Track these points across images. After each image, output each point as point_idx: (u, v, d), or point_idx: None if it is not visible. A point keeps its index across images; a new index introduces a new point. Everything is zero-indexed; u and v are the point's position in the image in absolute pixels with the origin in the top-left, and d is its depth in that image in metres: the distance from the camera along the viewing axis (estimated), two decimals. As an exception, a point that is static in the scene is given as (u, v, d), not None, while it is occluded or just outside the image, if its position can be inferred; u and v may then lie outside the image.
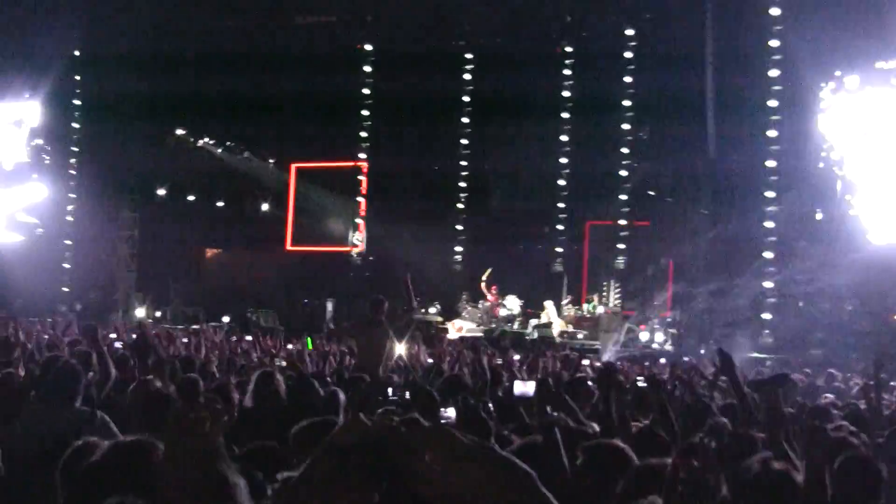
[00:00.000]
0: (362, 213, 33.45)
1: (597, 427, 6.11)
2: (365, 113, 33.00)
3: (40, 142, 31.01)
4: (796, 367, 16.98)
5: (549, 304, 28.59)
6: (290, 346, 15.54)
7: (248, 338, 16.30)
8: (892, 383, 12.69)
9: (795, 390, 10.29)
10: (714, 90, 26.70)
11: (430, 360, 13.36)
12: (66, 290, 31.25)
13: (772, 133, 26.50)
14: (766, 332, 25.61)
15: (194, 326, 23.22)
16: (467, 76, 32.11)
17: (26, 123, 30.72)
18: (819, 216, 26.55)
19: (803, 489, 4.17)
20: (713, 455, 4.13)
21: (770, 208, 26.39)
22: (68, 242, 31.94)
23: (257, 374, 7.51)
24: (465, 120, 32.40)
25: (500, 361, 13.15)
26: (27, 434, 5.62)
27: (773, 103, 26.43)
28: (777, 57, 26.30)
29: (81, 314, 27.04)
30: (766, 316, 26.01)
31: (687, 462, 4.30)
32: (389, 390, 8.07)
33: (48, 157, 31.23)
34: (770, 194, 26.41)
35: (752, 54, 26.39)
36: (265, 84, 29.74)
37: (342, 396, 6.99)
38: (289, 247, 34.71)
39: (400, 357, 10.89)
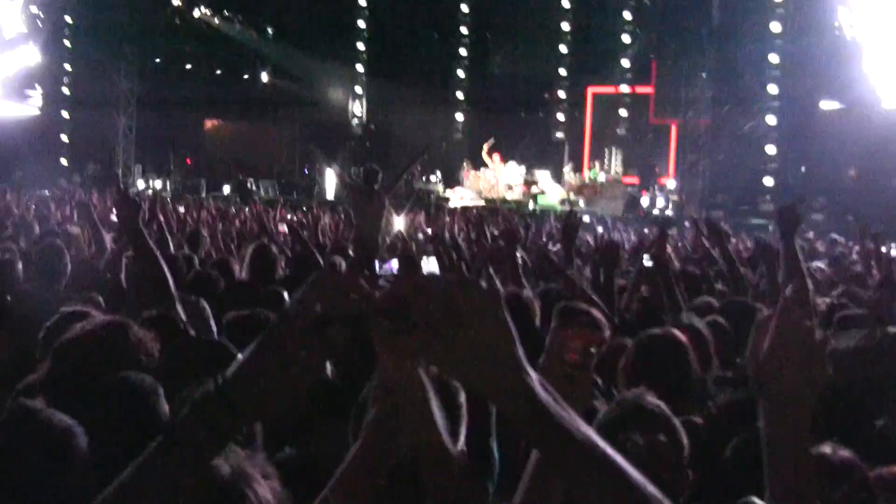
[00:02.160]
0: (361, 82, 33.19)
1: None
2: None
3: (34, 9, 30.56)
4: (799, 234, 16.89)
5: (540, 174, 28.53)
6: (289, 217, 15.53)
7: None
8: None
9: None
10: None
11: (430, 232, 13.32)
12: (64, 162, 31.13)
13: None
14: (767, 197, 25.53)
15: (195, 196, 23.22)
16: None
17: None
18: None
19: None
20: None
21: (774, 71, 26.06)
22: (66, 115, 31.68)
23: (252, 247, 7.44)
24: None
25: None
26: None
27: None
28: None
29: (81, 186, 26.96)
30: (768, 181, 25.88)
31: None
32: (377, 264, 7.99)
33: (42, 25, 30.78)
34: (774, 58, 26.03)
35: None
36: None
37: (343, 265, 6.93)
38: (288, 116, 34.50)
39: (399, 232, 10.75)
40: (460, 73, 32.21)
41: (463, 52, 32.20)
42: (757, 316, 2.00)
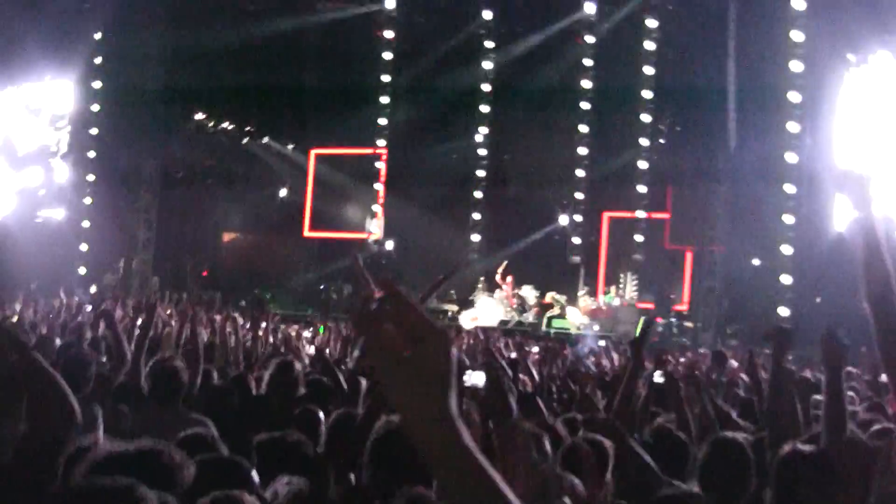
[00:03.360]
0: (380, 201, 33.42)
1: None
2: (384, 100, 32.88)
3: (63, 124, 31.13)
4: (816, 366, 16.81)
5: (556, 297, 28.53)
6: (305, 334, 15.56)
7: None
8: None
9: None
10: (736, 81, 26.54)
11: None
12: (82, 272, 31.30)
13: (793, 127, 26.23)
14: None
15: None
16: (487, 65, 31.93)
17: (46, 108, 30.87)
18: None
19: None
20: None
21: (790, 202, 26.18)
22: (85, 225, 31.96)
23: (276, 363, 7.41)
24: (485, 109, 32.28)
25: (513, 355, 13.09)
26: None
27: (794, 97, 26.16)
28: (799, 49, 26.06)
29: (96, 296, 27.07)
30: (783, 311, 25.81)
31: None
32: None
33: (68, 140, 31.31)
34: (790, 189, 26.19)
35: (774, 45, 26.15)
36: (285, 69, 29.87)
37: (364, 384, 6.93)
38: (306, 232, 34.77)
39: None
40: (477, 195, 32.40)
41: (480, 173, 32.45)
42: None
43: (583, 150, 30.87)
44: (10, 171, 30.51)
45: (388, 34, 32.27)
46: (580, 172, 30.95)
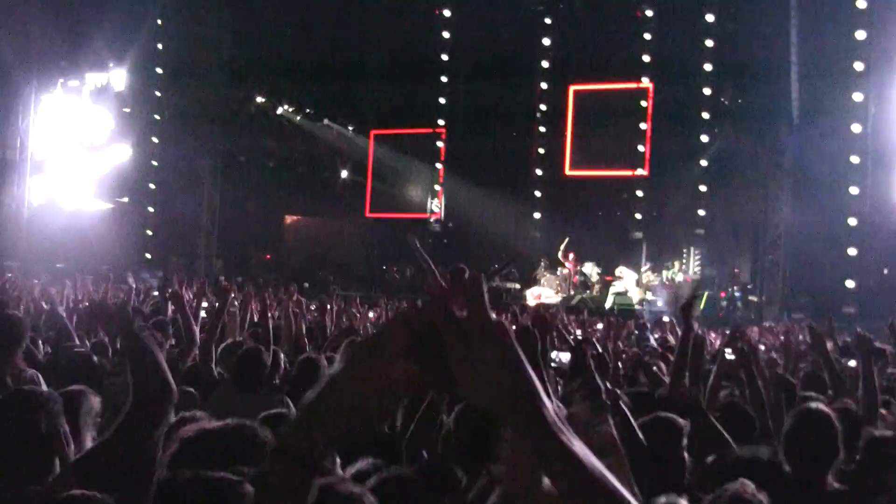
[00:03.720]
0: (441, 180, 33.48)
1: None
2: (443, 79, 32.90)
3: (127, 109, 31.59)
4: (884, 338, 16.63)
5: (625, 271, 28.38)
6: (370, 314, 15.60)
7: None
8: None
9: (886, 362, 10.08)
10: (798, 53, 26.22)
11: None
12: (148, 256, 31.71)
13: (857, 96, 25.83)
14: (850, 300, 25.10)
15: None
16: (546, 41, 31.83)
17: (110, 92, 31.33)
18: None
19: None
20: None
21: (855, 174, 25.84)
22: (151, 210, 32.39)
23: (346, 343, 7.37)
24: (544, 85, 32.19)
25: (578, 331, 13.11)
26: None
27: (859, 66, 25.75)
28: (864, 18, 25.64)
29: (163, 280, 27.40)
30: (850, 284, 25.49)
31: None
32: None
33: (132, 125, 31.78)
34: (855, 159, 25.82)
35: (838, 15, 25.75)
36: (344, 51, 29.92)
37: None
38: (368, 214, 34.91)
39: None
40: (538, 172, 32.31)
41: (541, 150, 32.37)
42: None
43: (643, 125, 30.69)
44: (83, 159, 31.06)
45: (446, 12, 32.28)
46: (640, 147, 30.76)
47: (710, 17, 28.80)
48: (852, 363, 9.77)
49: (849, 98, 25.71)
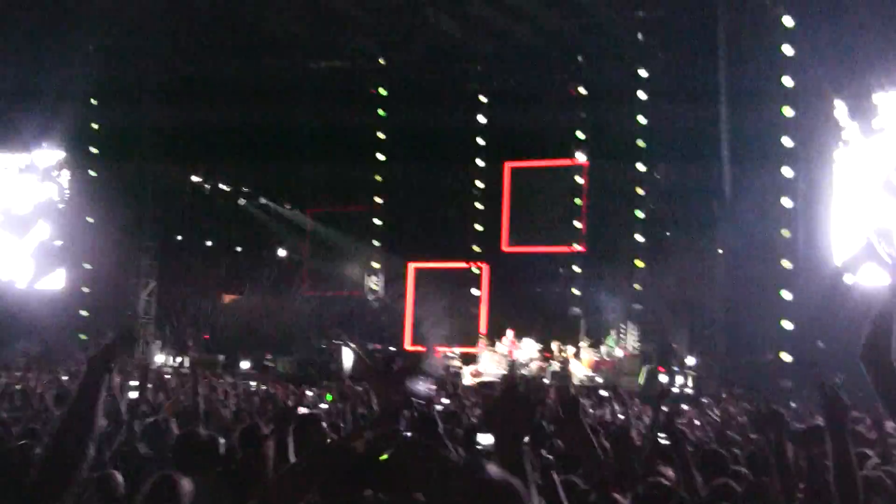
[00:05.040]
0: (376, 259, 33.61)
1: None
2: (380, 157, 33.04)
3: (55, 187, 31.47)
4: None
5: (564, 348, 28.42)
6: (308, 394, 15.51)
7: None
8: None
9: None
10: (729, 129, 26.63)
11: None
12: (83, 337, 31.28)
13: (787, 172, 26.24)
14: (786, 375, 25.23)
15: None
16: (481, 118, 32.17)
17: (38, 168, 31.32)
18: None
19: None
20: None
21: (787, 248, 26.16)
22: (86, 290, 31.99)
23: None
24: (480, 163, 32.42)
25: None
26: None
27: (787, 141, 26.20)
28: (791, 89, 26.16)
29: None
30: (786, 357, 25.67)
31: None
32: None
33: (63, 205, 31.62)
34: (786, 233, 26.17)
35: (764, 91, 26.22)
36: (281, 129, 30.01)
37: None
38: (305, 291, 34.74)
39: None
40: (476, 249, 32.41)
41: (478, 227, 32.50)
42: None
43: (578, 201, 31.02)
44: (14, 237, 30.87)
45: (382, 91, 32.57)
46: (577, 224, 31.04)
47: (642, 95, 29.26)
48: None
49: (778, 174, 26.16)
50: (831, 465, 4.20)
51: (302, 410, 12.02)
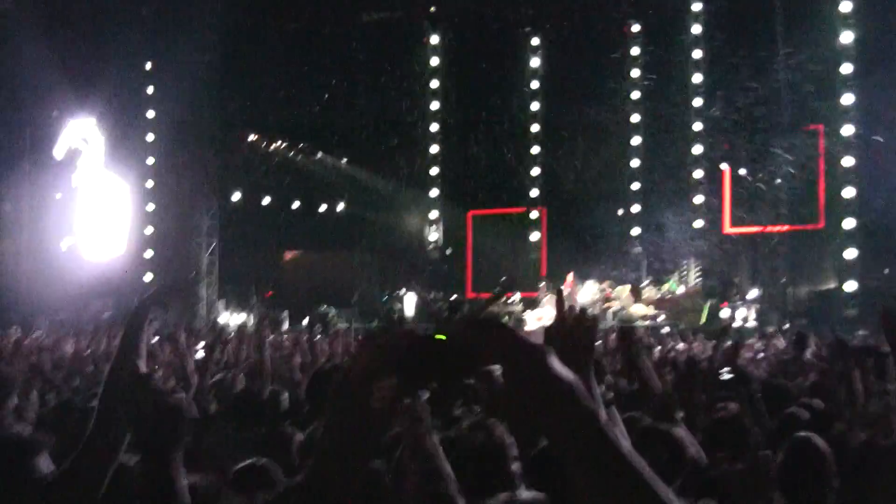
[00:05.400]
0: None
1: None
2: (434, 106, 32.95)
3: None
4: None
5: (622, 289, 28.33)
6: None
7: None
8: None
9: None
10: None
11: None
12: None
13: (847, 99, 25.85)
14: (851, 303, 24.99)
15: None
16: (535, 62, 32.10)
17: (96, 139, 31.61)
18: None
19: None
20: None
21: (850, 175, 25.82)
22: (148, 255, 32.31)
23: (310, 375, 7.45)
24: (535, 107, 32.23)
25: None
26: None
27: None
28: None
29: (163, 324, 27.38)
30: (851, 286, 25.38)
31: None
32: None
33: (123, 172, 31.98)
34: (848, 161, 25.80)
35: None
36: (332, 85, 30.10)
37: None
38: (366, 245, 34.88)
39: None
40: (534, 193, 32.29)
41: (536, 171, 32.36)
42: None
43: (636, 140, 30.85)
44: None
45: (433, 40, 32.49)
46: (635, 163, 30.89)
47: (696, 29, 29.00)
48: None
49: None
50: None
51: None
